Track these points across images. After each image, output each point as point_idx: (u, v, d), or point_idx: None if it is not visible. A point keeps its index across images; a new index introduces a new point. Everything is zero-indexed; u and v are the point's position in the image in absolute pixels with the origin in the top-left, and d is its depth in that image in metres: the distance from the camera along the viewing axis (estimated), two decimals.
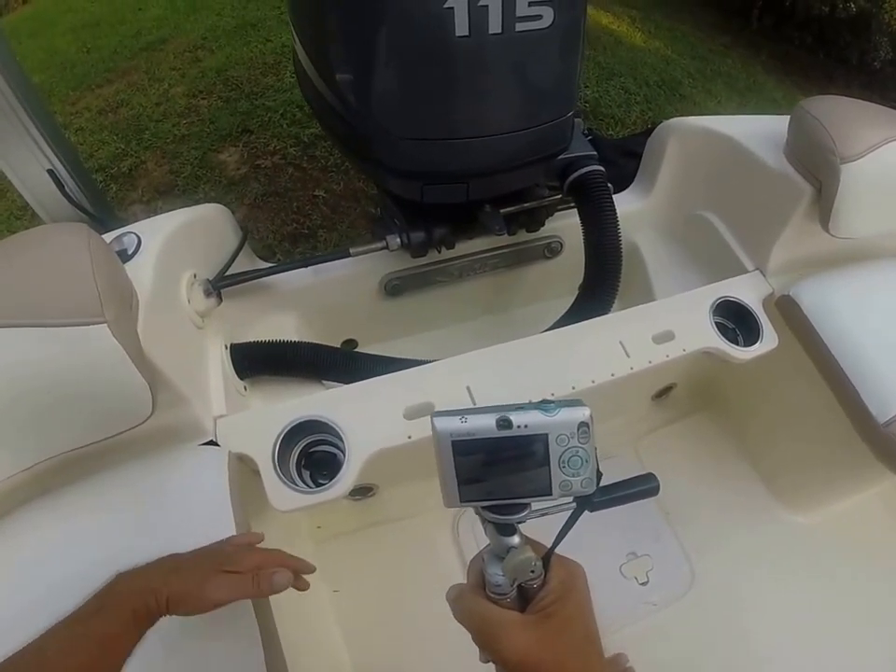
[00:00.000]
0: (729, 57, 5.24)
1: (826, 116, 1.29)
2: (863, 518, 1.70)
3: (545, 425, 0.58)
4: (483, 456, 0.58)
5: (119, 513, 0.96)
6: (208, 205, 1.40)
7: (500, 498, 0.60)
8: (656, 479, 0.75)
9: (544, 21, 1.16)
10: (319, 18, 1.24)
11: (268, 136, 3.28)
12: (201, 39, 4.16)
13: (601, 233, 1.48)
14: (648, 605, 1.57)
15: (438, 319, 1.77)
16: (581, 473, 0.60)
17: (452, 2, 1.07)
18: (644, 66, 4.35)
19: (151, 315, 0.98)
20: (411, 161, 1.30)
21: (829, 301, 1.38)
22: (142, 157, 3.26)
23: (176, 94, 3.65)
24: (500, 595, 0.61)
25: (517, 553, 0.60)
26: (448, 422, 0.57)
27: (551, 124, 1.34)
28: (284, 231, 2.82)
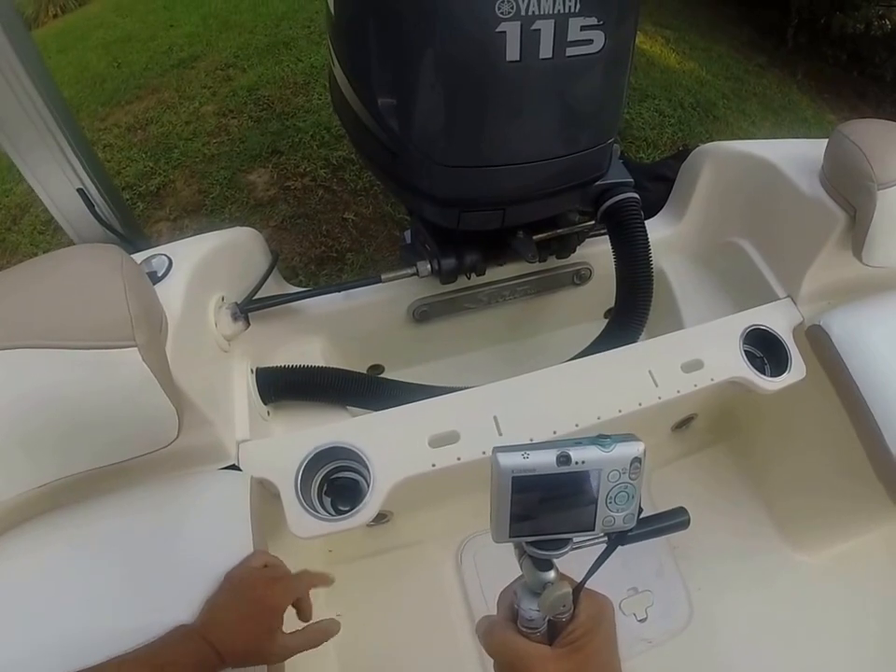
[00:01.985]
0: (764, 77, 5.19)
1: (864, 140, 1.26)
2: (870, 558, 1.66)
3: (602, 460, 0.58)
4: (540, 492, 0.59)
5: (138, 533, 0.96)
6: (239, 229, 1.40)
7: (546, 534, 0.61)
8: (686, 513, 0.76)
9: (595, 45, 1.13)
10: (363, 40, 1.22)
11: (298, 158, 3.29)
12: (232, 57, 4.21)
13: (633, 262, 1.46)
14: (643, 642, 1.54)
15: (465, 345, 1.75)
16: (625, 509, 0.61)
17: (504, 26, 1.04)
18: (678, 88, 4.33)
19: (179, 339, 0.98)
20: (450, 189, 1.28)
21: (859, 333, 1.35)
22: (170, 176, 3.29)
23: (207, 113, 3.69)
24: (532, 630, 0.62)
25: (554, 590, 0.61)
26: (511, 458, 0.57)
27: (592, 150, 1.31)
28: (311, 253, 2.83)
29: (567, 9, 1.07)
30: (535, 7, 1.05)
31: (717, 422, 1.85)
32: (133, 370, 0.78)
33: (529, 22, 1.05)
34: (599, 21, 1.10)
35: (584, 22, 1.09)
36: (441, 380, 1.38)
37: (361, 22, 1.21)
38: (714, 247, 1.71)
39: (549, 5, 1.05)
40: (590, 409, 1.23)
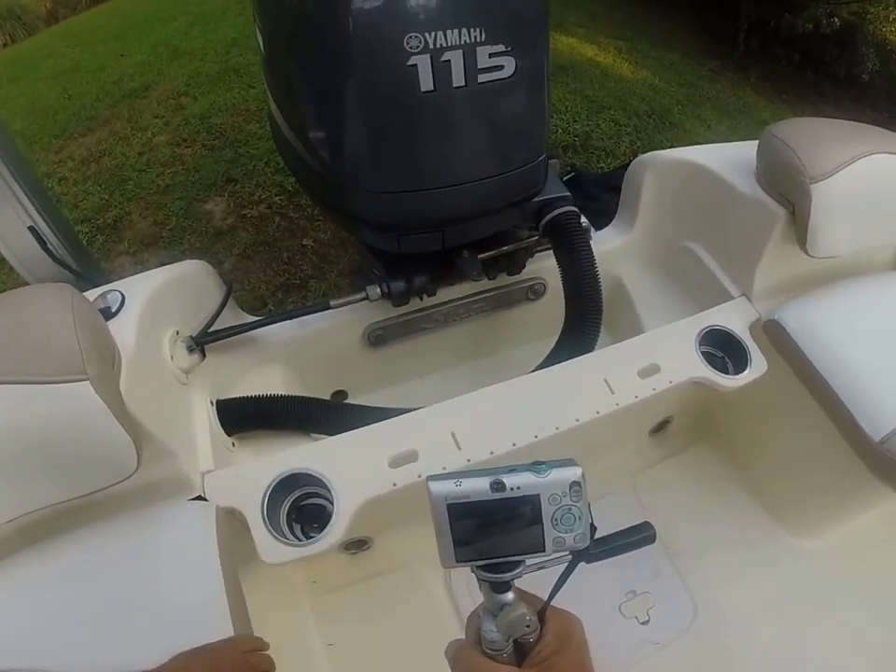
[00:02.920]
0: (718, 81, 5.29)
1: (793, 138, 1.31)
2: (869, 538, 1.66)
3: (537, 485, 0.60)
4: (478, 518, 0.60)
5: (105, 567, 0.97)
6: (191, 262, 1.41)
7: (494, 557, 0.62)
8: (652, 527, 0.76)
9: (506, 70, 1.20)
10: (290, 78, 1.29)
11: (253, 185, 3.28)
12: (184, 86, 4.19)
13: (577, 273, 1.48)
14: (649, 644, 1.52)
15: (426, 366, 1.76)
16: (574, 529, 0.62)
17: (415, 59, 1.11)
18: (633, 97, 4.39)
19: (134, 372, 1.00)
20: (385, 214, 1.32)
21: (815, 323, 1.38)
22: (126, 208, 3.26)
23: (160, 143, 3.66)
24: (496, 651, 0.62)
25: (511, 611, 0.61)
26: (443, 485, 0.59)
27: (522, 169, 1.36)
28: (276, 281, 2.81)
29: (474, 39, 1.14)
30: (442, 39, 1.12)
31: (695, 422, 1.87)
32: (87, 402, 0.81)
33: (439, 54, 1.12)
34: (508, 48, 1.18)
35: (492, 50, 1.16)
36: (405, 402, 1.39)
37: (286, 59, 1.28)
38: (667, 252, 1.73)
39: (455, 36, 1.13)
40: (547, 420, 1.24)
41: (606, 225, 1.81)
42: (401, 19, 1.09)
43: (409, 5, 1.09)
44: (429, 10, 1.10)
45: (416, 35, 1.09)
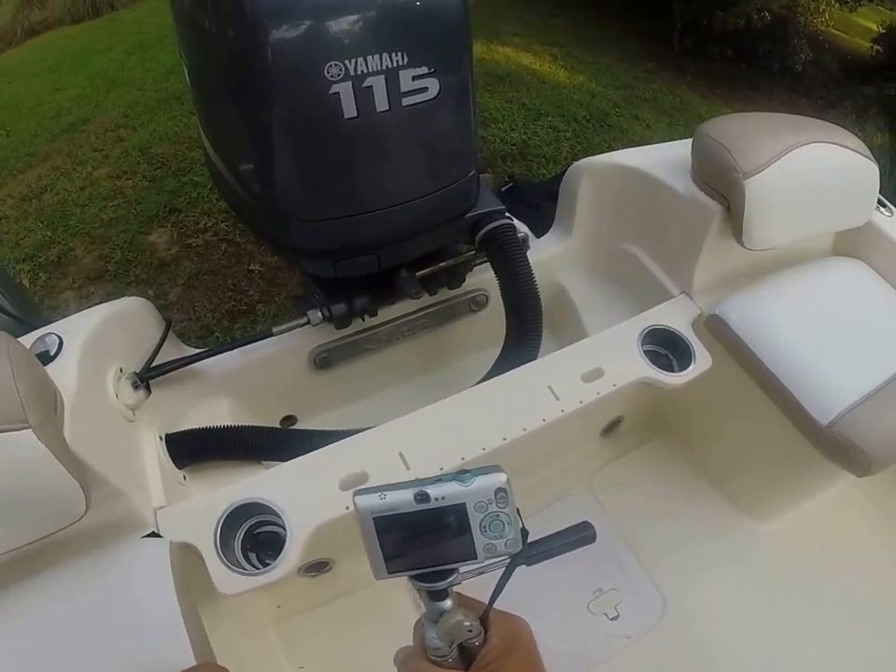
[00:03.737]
0: (654, 82, 5.40)
1: (725, 135, 1.34)
2: (829, 517, 1.70)
3: (462, 494, 0.60)
4: (405, 530, 0.61)
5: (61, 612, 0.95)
6: (127, 298, 1.39)
7: (427, 567, 0.63)
8: (591, 526, 0.76)
9: (430, 92, 1.20)
10: (217, 111, 1.30)
11: (197, 213, 3.27)
12: (122, 117, 4.16)
13: (515, 284, 1.49)
14: (622, 638, 1.54)
15: (374, 385, 1.75)
16: (504, 535, 0.62)
17: (337, 87, 1.11)
18: (570, 102, 4.45)
19: (79, 414, 0.98)
20: (319, 241, 1.32)
21: (755, 314, 1.41)
22: (70, 244, 3.22)
23: (101, 176, 3.63)
24: (441, 657, 0.63)
25: (449, 618, 0.62)
26: (368, 499, 0.60)
27: (453, 186, 1.37)
28: (222, 308, 2.80)
29: (396, 64, 1.13)
30: (363, 66, 1.11)
31: (646, 420, 1.88)
32: (30, 450, 0.80)
33: (360, 81, 1.12)
34: (431, 70, 1.18)
35: (415, 73, 1.16)
36: (355, 423, 1.38)
37: (212, 92, 1.29)
38: (607, 256, 1.75)
39: (377, 62, 1.12)
40: (494, 431, 1.24)
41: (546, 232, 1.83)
42: (321, 47, 1.09)
43: (328, 33, 1.09)
44: (349, 38, 1.10)
45: (337, 64, 1.09)
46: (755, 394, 1.41)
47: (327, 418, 1.70)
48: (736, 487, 1.74)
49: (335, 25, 1.09)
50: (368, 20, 1.11)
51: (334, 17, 1.09)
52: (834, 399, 1.28)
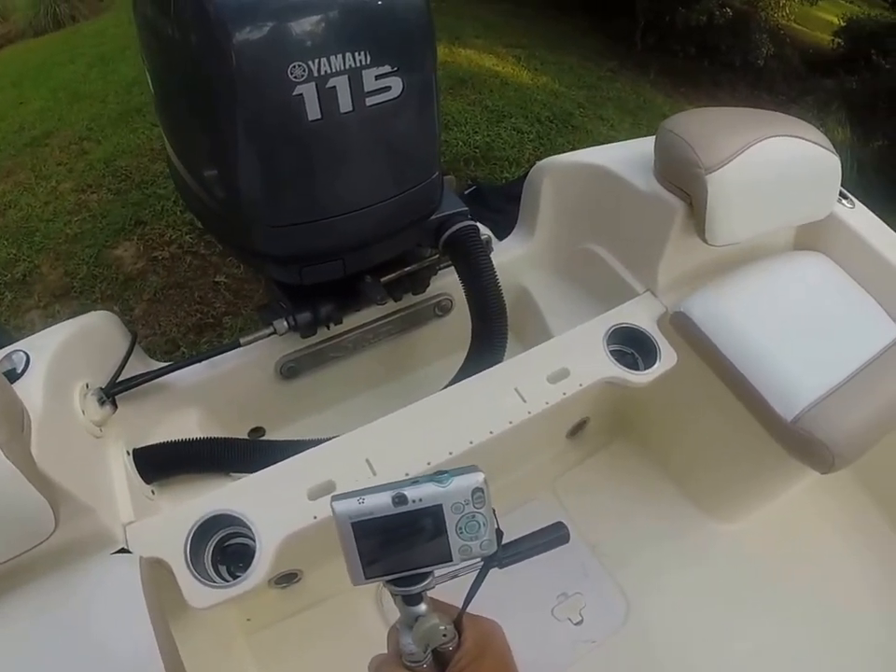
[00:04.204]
0: (617, 81, 5.44)
1: (687, 131, 1.35)
2: (792, 517, 1.72)
3: (439, 495, 0.60)
4: (384, 534, 0.60)
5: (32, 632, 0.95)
6: (94, 313, 1.38)
7: (403, 571, 0.62)
8: (564, 526, 0.76)
9: (394, 91, 1.19)
10: (181, 117, 1.29)
11: (163, 226, 3.24)
12: (86, 130, 4.11)
13: (479, 286, 1.49)
14: (587, 643, 1.54)
15: (342, 394, 1.75)
16: (479, 536, 0.62)
17: (300, 89, 1.10)
18: (534, 103, 4.46)
19: (46, 432, 0.98)
20: (285, 247, 1.31)
21: (719, 311, 1.41)
22: (35, 260, 3.18)
23: (65, 191, 3.59)
24: (416, 663, 0.63)
25: (424, 622, 0.62)
26: (346, 504, 0.59)
27: (417, 188, 1.36)
28: (188, 322, 2.78)
29: (359, 63, 1.13)
30: (326, 66, 1.10)
31: (612, 421, 1.88)
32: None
33: (324, 82, 1.11)
34: (393, 69, 1.17)
35: (378, 72, 1.15)
36: (323, 432, 1.37)
37: (175, 99, 1.28)
38: (570, 257, 1.75)
39: (339, 62, 1.11)
40: (461, 435, 1.24)
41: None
42: (284, 49, 1.09)
43: (290, 34, 1.09)
44: (311, 38, 1.10)
45: (300, 64, 1.09)
46: (719, 393, 1.42)
47: (295, 428, 1.70)
48: (700, 487, 1.76)
49: (297, 26, 1.09)
50: (330, 19, 1.11)
51: (296, 18, 1.09)
52: (799, 395, 1.29)
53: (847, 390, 1.31)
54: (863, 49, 6.38)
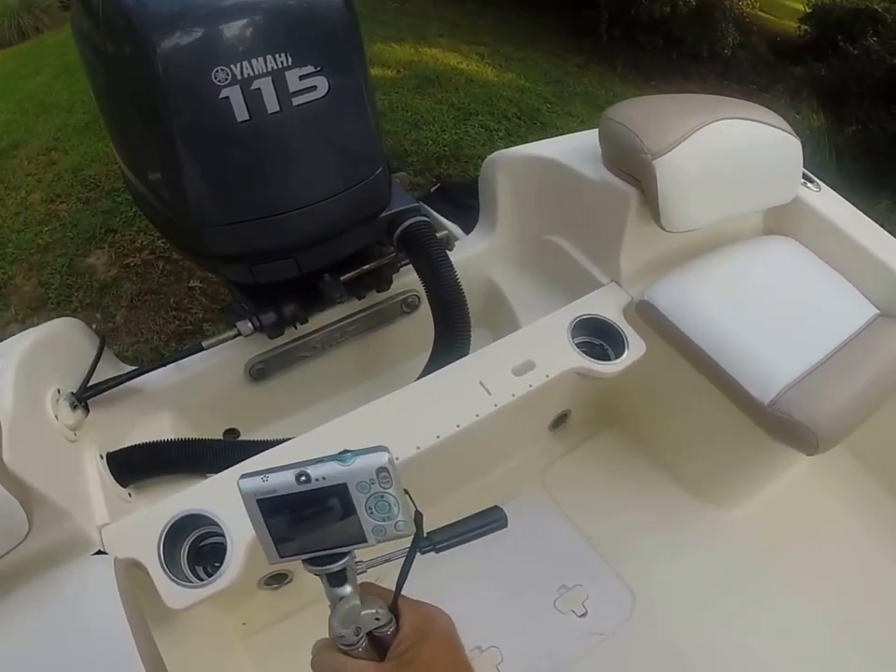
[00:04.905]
0: (585, 76, 5.46)
1: (630, 118, 1.36)
2: (791, 501, 1.72)
3: (342, 474, 0.59)
4: (291, 512, 0.60)
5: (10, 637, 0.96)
6: (59, 320, 1.41)
7: (318, 550, 0.62)
8: (502, 511, 0.76)
9: (319, 90, 1.23)
10: (121, 126, 1.34)
11: (133, 232, 3.24)
12: (53, 140, 4.09)
13: (436, 280, 1.51)
14: (594, 636, 1.53)
15: (312, 394, 1.76)
16: (393, 517, 0.61)
17: (226, 91, 1.14)
18: (500, 100, 4.48)
19: (17, 436, 0.99)
20: (233, 246, 1.34)
21: (684, 297, 1.41)
22: (8, 272, 3.18)
23: (35, 201, 3.58)
24: (349, 646, 0.62)
25: (344, 603, 0.62)
26: (251, 482, 0.59)
27: (361, 185, 1.39)
28: (168, 329, 2.79)
29: (280, 65, 1.17)
30: (249, 69, 1.15)
31: (595, 412, 1.88)
32: None
33: (248, 84, 1.15)
34: (317, 68, 1.22)
35: (302, 72, 1.19)
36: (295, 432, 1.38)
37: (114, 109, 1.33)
38: (535, 249, 1.76)
39: (261, 64, 1.15)
40: (428, 430, 1.25)
41: None
42: (206, 54, 1.13)
43: (211, 40, 1.13)
44: (232, 42, 1.14)
45: (223, 69, 1.13)
46: (697, 379, 1.42)
47: (268, 430, 1.70)
48: (692, 475, 1.75)
49: (218, 32, 1.13)
50: (250, 24, 1.15)
51: (217, 24, 1.13)
52: (774, 377, 1.29)
53: (827, 370, 1.31)
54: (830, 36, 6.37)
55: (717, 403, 1.42)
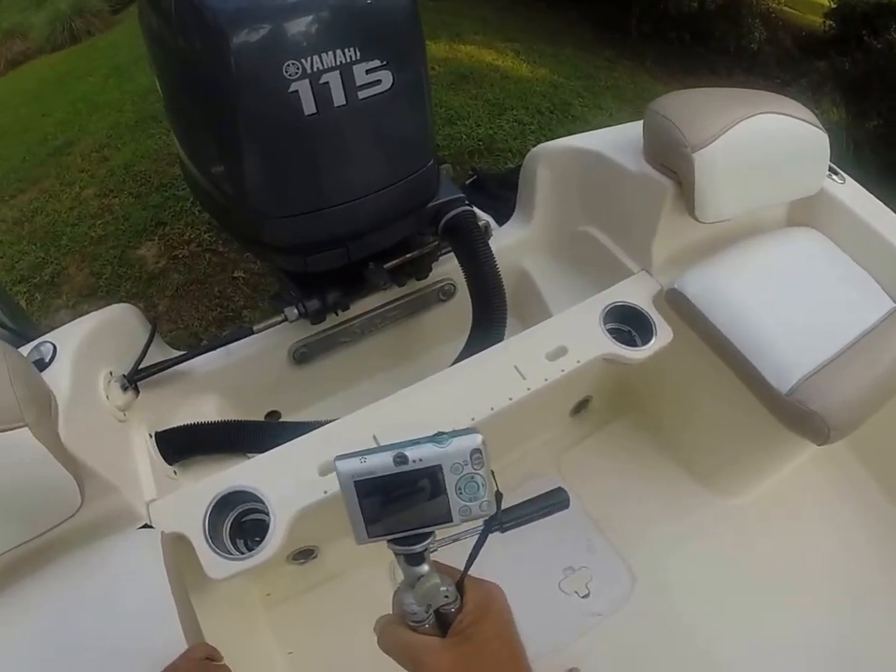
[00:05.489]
0: (615, 70, 5.44)
1: (673, 111, 1.37)
2: (796, 489, 1.74)
3: (438, 456, 0.61)
4: (385, 493, 0.62)
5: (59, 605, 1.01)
6: (115, 306, 1.46)
7: (405, 530, 0.64)
8: (565, 492, 0.78)
9: (384, 84, 1.25)
10: (187, 117, 1.36)
11: (182, 226, 3.35)
12: (105, 138, 4.23)
13: (477, 268, 1.55)
14: (593, 616, 1.57)
15: (351, 378, 1.81)
16: (478, 497, 0.63)
17: (295, 85, 1.17)
18: (534, 95, 4.50)
19: (72, 415, 1.05)
20: (291, 237, 1.38)
21: (713, 286, 1.43)
22: (62, 263, 3.31)
23: (88, 196, 3.71)
24: (418, 623, 0.64)
25: (425, 581, 0.63)
26: (349, 463, 0.61)
27: (413, 177, 1.42)
28: (209, 316, 2.89)
29: (349, 59, 1.19)
30: (318, 63, 1.17)
31: (614, 399, 1.90)
32: (27, 447, 0.86)
33: (317, 78, 1.18)
34: (383, 62, 1.23)
35: (368, 66, 1.22)
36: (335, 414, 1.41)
37: (182, 101, 1.35)
38: (568, 239, 1.80)
39: (331, 58, 1.18)
40: (463, 412, 1.28)
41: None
42: (278, 48, 1.15)
43: (284, 34, 1.15)
44: (303, 37, 1.16)
45: (294, 63, 1.15)
46: (716, 369, 1.44)
47: (309, 412, 1.76)
48: (702, 463, 1.77)
49: (290, 26, 1.15)
50: (320, 18, 1.17)
51: (289, 18, 1.15)
52: (793, 367, 1.31)
53: (842, 362, 1.33)
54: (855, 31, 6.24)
55: (732, 393, 1.44)
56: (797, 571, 1.63)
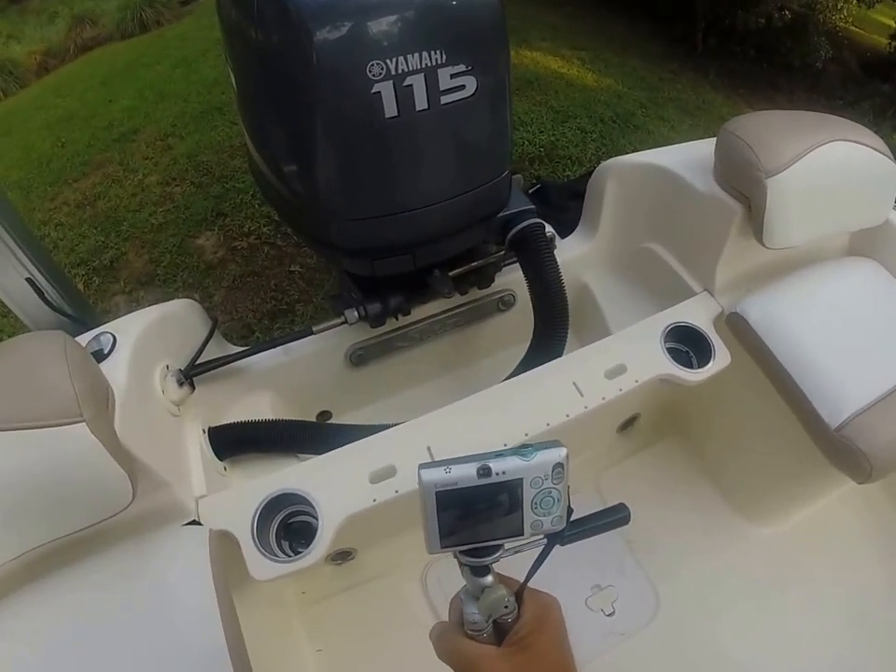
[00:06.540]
0: (678, 82, 5.42)
1: (749, 133, 1.34)
2: (826, 523, 1.72)
3: (521, 469, 0.60)
4: (465, 506, 0.60)
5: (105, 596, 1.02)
6: (177, 301, 1.47)
7: (477, 542, 0.63)
8: (626, 508, 0.77)
9: (468, 90, 1.22)
10: (262, 113, 1.33)
11: (242, 218, 3.39)
12: (170, 127, 4.32)
13: (543, 283, 1.53)
14: (615, 635, 1.58)
15: (405, 382, 1.81)
16: (552, 512, 0.63)
17: (378, 87, 1.13)
18: (598, 104, 4.49)
19: (128, 409, 1.05)
20: (358, 240, 1.36)
21: (775, 313, 1.41)
22: (122, 248, 3.37)
23: (151, 183, 3.78)
24: (477, 632, 0.64)
25: (491, 592, 0.63)
26: (433, 473, 0.59)
27: (487, 185, 1.39)
28: (263, 308, 2.91)
29: (435, 62, 1.15)
30: (403, 65, 1.13)
31: (661, 418, 1.89)
32: (83, 442, 0.86)
33: (401, 80, 1.14)
34: (468, 68, 1.19)
35: (453, 71, 1.18)
36: (387, 418, 1.41)
37: (257, 96, 1.32)
38: (630, 256, 1.78)
39: (416, 60, 1.14)
40: (518, 427, 1.27)
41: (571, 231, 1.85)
42: (363, 47, 1.11)
43: (370, 33, 1.11)
44: (390, 37, 1.12)
45: (378, 63, 1.11)
46: (766, 397, 1.42)
47: (360, 413, 1.76)
48: (740, 491, 1.76)
49: (376, 25, 1.11)
50: (407, 19, 1.13)
51: (375, 17, 1.11)
52: (845, 403, 1.28)
53: (891, 402, 1.30)
54: None
55: (779, 423, 1.43)
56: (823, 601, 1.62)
